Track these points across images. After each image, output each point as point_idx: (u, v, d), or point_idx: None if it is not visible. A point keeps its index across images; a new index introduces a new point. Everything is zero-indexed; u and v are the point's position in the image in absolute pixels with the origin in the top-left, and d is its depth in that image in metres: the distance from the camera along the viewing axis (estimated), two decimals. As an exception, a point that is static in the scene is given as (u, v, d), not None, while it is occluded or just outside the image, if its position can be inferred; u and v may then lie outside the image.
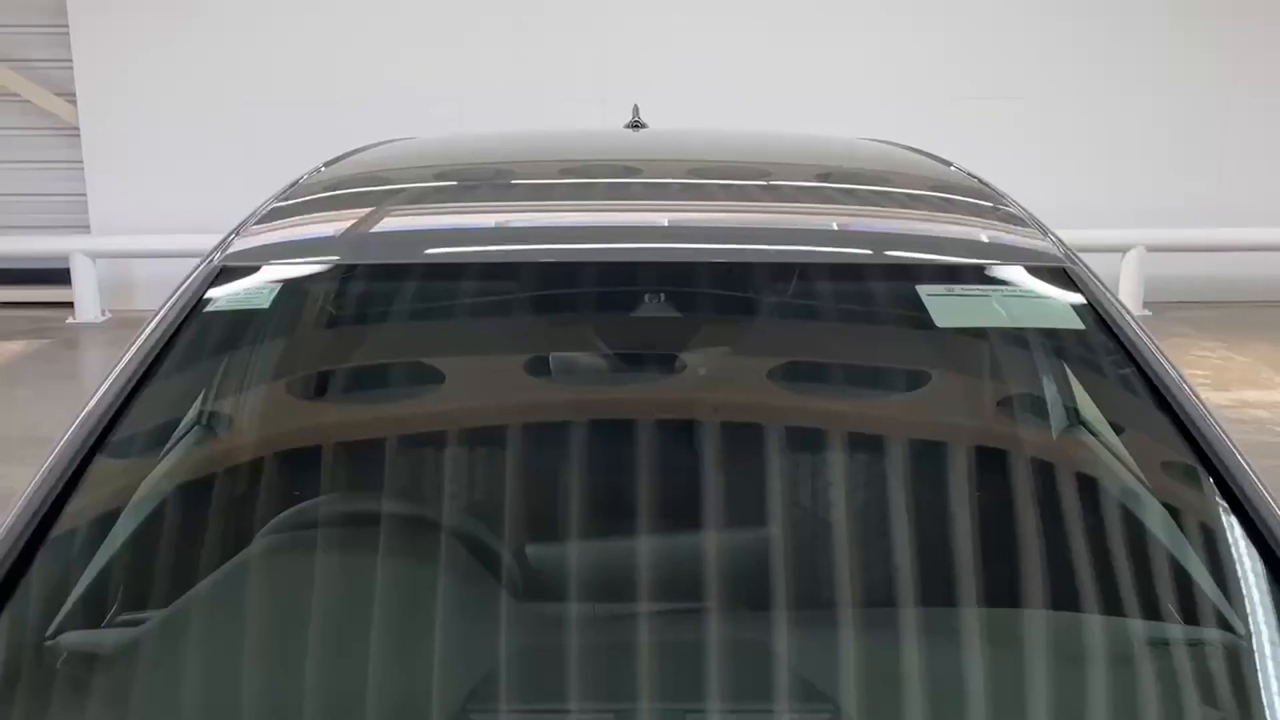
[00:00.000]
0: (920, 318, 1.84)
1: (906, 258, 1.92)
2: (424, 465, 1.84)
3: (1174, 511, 1.68)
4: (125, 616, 1.59)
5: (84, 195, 8.57)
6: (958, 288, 1.84)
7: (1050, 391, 1.96)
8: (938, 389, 2.02)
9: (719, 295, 1.97)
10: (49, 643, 1.48)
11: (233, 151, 8.27)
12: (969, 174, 2.46)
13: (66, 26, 8.30)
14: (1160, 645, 1.53)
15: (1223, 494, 1.55)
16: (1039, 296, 1.86)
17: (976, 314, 1.87)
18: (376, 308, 1.96)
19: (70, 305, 8.34)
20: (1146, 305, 8.41)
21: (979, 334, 1.95)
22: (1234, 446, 1.60)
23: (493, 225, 2.03)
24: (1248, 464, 1.58)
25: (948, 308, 1.83)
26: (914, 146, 2.84)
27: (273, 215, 2.05)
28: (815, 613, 1.55)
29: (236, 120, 8.31)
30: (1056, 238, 2.01)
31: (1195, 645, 1.52)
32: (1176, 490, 1.68)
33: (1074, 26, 8.45)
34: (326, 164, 2.52)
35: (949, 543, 1.63)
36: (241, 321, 1.87)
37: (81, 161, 8.51)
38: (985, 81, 8.50)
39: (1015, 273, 1.87)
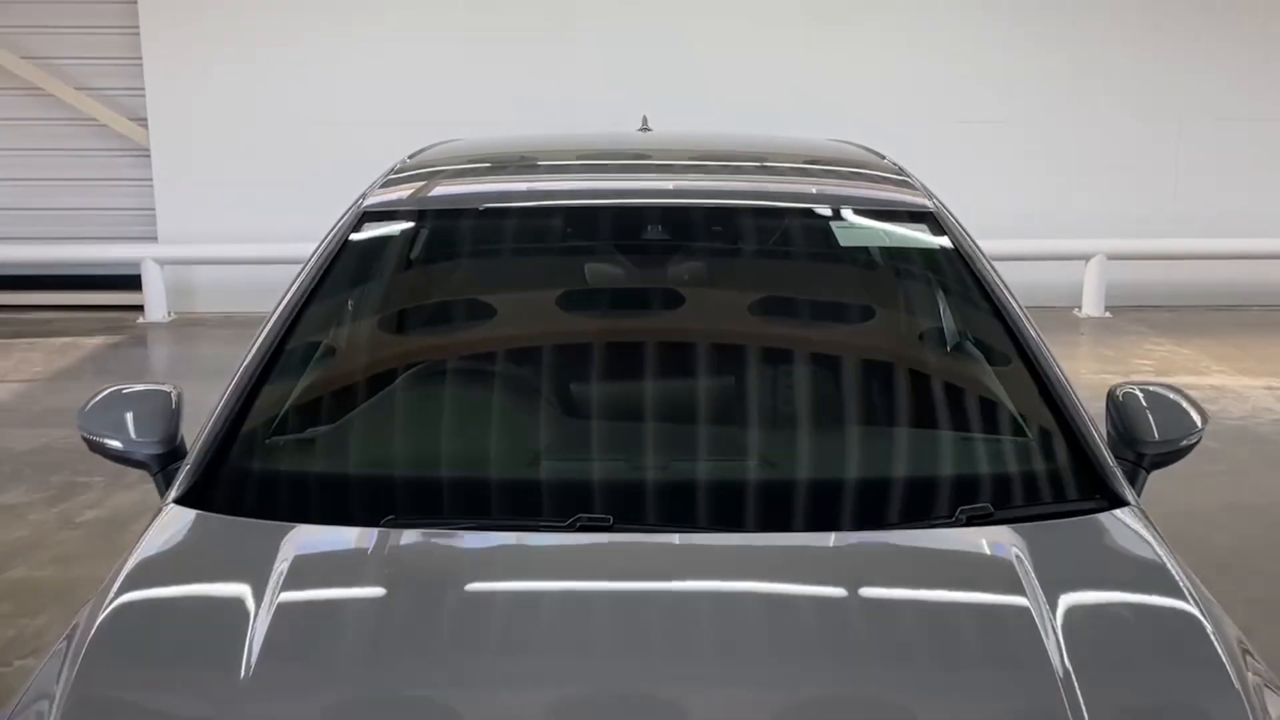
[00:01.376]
0: (822, 233, 2.78)
1: (824, 206, 2.84)
2: (504, 334, 2.74)
3: (993, 364, 2.58)
4: (311, 429, 2.50)
5: (152, 210, 9.43)
6: (857, 221, 2.77)
7: (915, 289, 2.88)
8: (829, 264, 2.92)
9: (692, 229, 2.91)
10: (269, 441, 2.40)
11: (285, 171, 9.16)
12: (894, 163, 3.37)
13: (140, 59, 9.21)
14: (978, 440, 2.44)
15: (1021, 356, 2.46)
16: (911, 230, 2.78)
17: (869, 238, 2.81)
18: (477, 235, 2.90)
19: (137, 308, 9.20)
20: (1107, 308, 9.22)
21: (872, 251, 2.88)
22: (1030, 322, 2.51)
23: (546, 185, 2.99)
24: (1039, 336, 2.49)
25: (849, 234, 2.77)
26: (861, 144, 3.77)
27: (390, 184, 2.97)
28: (756, 401, 2.46)
29: (289, 143, 9.20)
30: (939, 201, 2.92)
31: (998, 441, 2.43)
32: (992, 350, 2.58)
33: (1044, 58, 9.29)
34: (411, 155, 3.44)
35: (850, 370, 2.56)
36: (381, 246, 2.80)
37: (151, 179, 9.38)
38: (966, 104, 9.33)
39: (898, 214, 2.80)
